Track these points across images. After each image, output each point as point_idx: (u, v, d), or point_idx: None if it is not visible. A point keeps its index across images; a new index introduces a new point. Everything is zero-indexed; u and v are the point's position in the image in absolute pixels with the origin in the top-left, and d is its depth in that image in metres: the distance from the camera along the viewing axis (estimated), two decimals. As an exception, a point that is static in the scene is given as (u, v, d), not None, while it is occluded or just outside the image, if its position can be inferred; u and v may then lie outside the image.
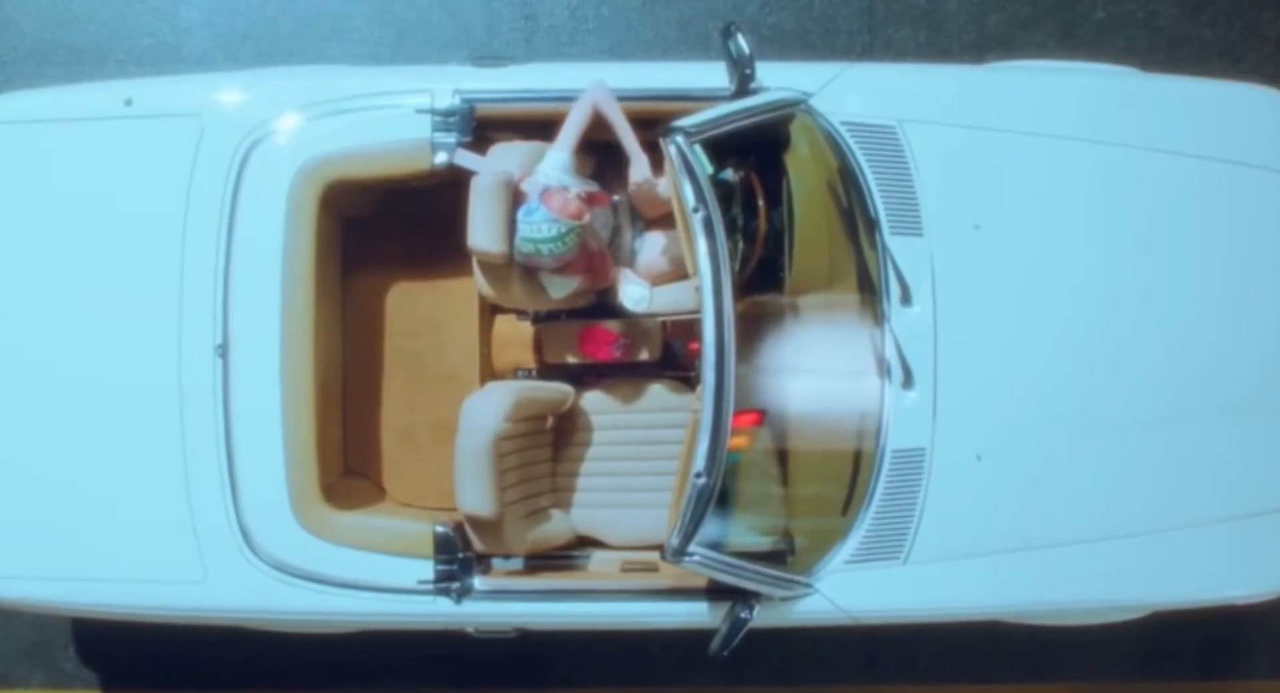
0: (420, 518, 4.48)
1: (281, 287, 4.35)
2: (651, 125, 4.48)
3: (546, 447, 4.76)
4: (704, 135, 4.27)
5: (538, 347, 4.90)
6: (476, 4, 5.62)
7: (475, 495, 4.24)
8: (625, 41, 5.65)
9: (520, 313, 4.91)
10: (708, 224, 4.13)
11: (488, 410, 4.30)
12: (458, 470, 4.26)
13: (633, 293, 4.52)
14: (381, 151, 4.43)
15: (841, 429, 4.42)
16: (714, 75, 4.51)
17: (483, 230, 4.25)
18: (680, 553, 4.12)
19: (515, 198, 4.37)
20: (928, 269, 4.42)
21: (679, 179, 4.17)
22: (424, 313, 4.85)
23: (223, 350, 4.33)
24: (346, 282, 4.80)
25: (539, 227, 4.19)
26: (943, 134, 4.53)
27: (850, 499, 4.39)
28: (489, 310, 4.89)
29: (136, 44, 5.64)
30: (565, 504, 4.79)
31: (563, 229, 4.19)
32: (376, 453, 4.83)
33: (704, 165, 4.21)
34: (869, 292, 4.41)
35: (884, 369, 4.38)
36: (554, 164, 4.37)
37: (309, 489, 4.33)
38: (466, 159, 4.46)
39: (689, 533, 4.10)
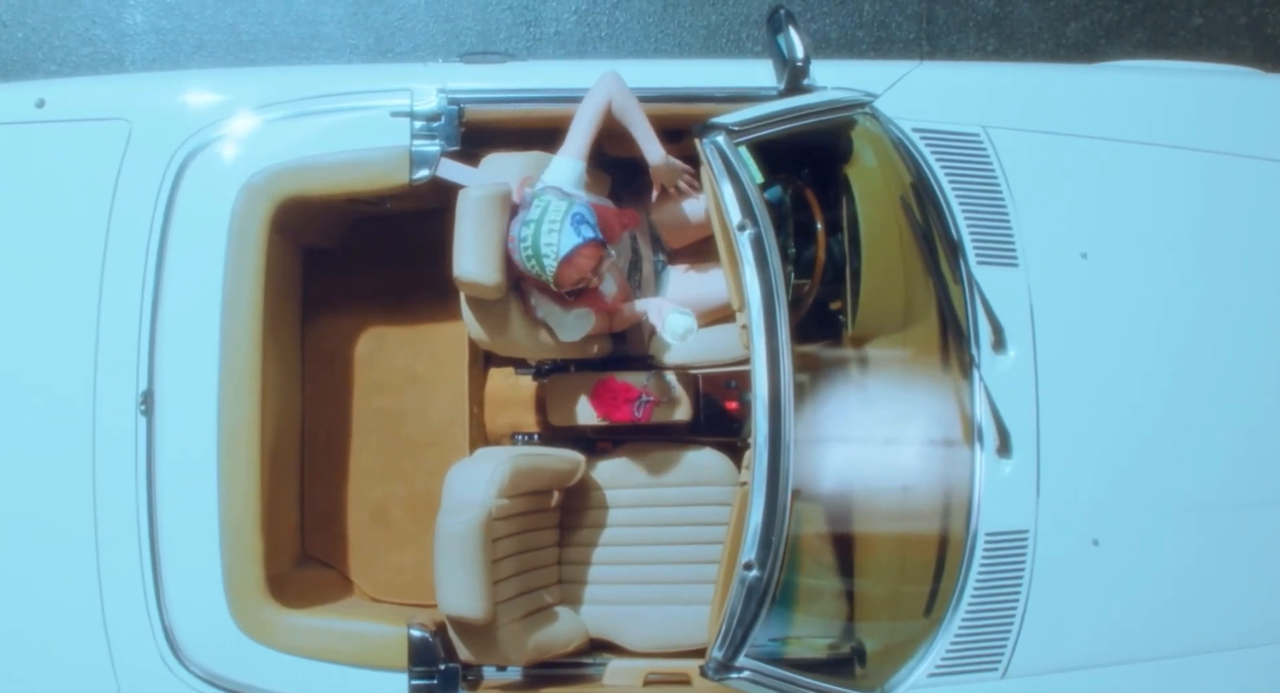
0: (392, 619, 3.76)
1: (222, 326, 3.67)
2: (678, 139, 3.87)
3: (551, 529, 4.06)
4: (749, 136, 3.59)
5: (540, 406, 4.24)
6: (470, 7, 5.08)
7: (461, 591, 3.49)
8: (642, 51, 5.15)
9: (519, 365, 4.27)
10: (758, 244, 3.43)
11: (478, 482, 3.61)
12: (439, 559, 3.52)
13: (677, 323, 3.68)
14: (348, 163, 3.75)
15: (922, 508, 3.73)
16: (756, 73, 3.89)
17: (472, 255, 3.51)
18: (726, 668, 3.39)
19: (511, 216, 3.63)
20: (1025, 307, 3.72)
21: (720, 188, 3.44)
22: (401, 364, 4.26)
23: (147, 404, 3.64)
24: (308, 325, 4.22)
25: (554, 228, 3.42)
26: (1038, 143, 3.84)
27: (935, 596, 3.67)
28: (481, 362, 4.32)
29: (73, 53, 5.06)
30: (574, 601, 4.07)
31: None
32: (341, 536, 4.19)
33: (752, 172, 3.44)
34: (953, 335, 3.71)
35: (973, 432, 3.67)
36: (563, 173, 3.64)
37: (251, 582, 3.62)
38: (452, 171, 3.76)
39: (737, 641, 3.37)
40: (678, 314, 3.62)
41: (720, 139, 3.51)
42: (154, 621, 3.61)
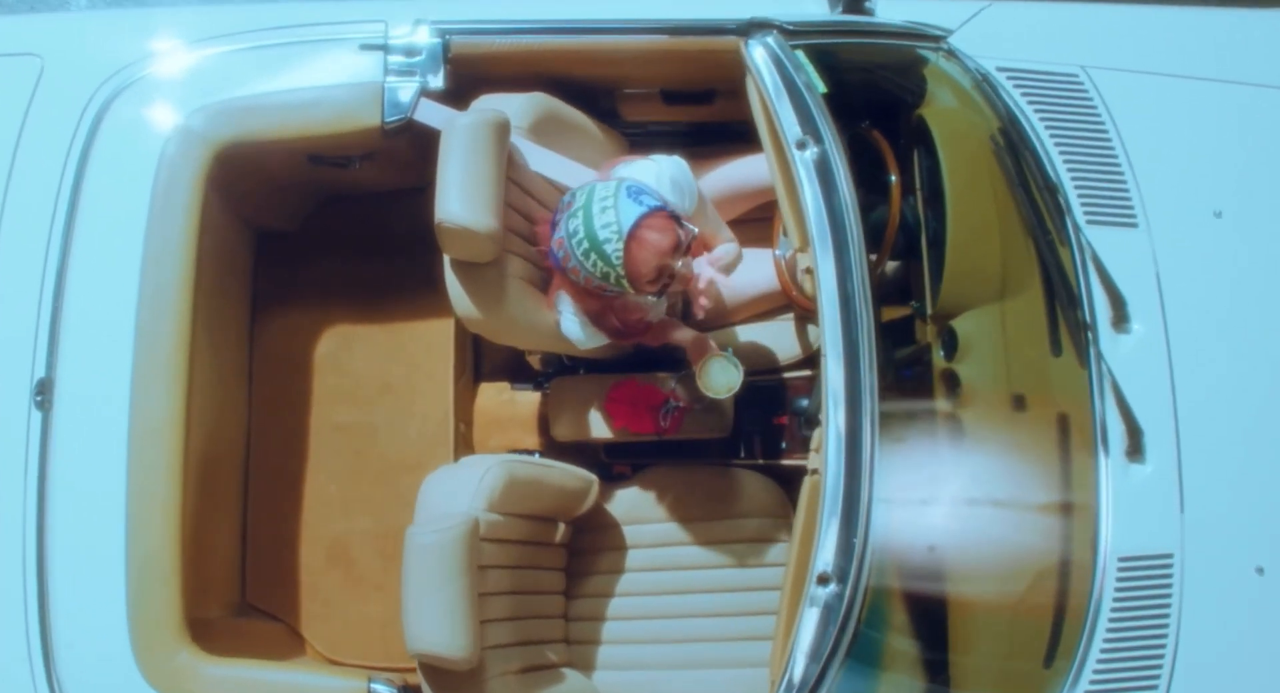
0: (349, 674, 2.95)
1: (139, 301, 2.96)
2: (709, 100, 3.31)
3: (556, 571, 3.30)
4: (808, 41, 2.91)
5: (543, 423, 3.53)
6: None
7: (435, 622, 2.67)
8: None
9: (515, 378, 3.62)
10: (824, 168, 2.70)
11: (462, 490, 2.86)
12: (408, 581, 2.71)
13: (719, 378, 3.04)
14: (306, 101, 3.08)
15: (1031, 527, 2.98)
16: (804, 5, 3.23)
17: (459, 195, 2.78)
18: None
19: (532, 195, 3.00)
20: (1150, 274, 3.04)
21: (772, 96, 2.80)
22: (372, 371, 3.59)
23: (44, 395, 2.94)
24: (259, 321, 3.58)
25: (607, 206, 2.75)
26: (1153, 86, 3.21)
27: (1056, 641, 2.90)
28: (470, 372, 3.62)
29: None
30: (585, 663, 3.30)
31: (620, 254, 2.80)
32: (292, 580, 3.46)
33: (813, 80, 2.76)
34: (1063, 308, 3.00)
35: (1095, 431, 2.93)
36: (670, 174, 2.95)
37: (163, 619, 2.83)
38: (433, 114, 3.08)
39: (811, 684, 2.56)
40: (724, 365, 2.99)
41: (772, 39, 2.84)
42: (36, 663, 2.90)
